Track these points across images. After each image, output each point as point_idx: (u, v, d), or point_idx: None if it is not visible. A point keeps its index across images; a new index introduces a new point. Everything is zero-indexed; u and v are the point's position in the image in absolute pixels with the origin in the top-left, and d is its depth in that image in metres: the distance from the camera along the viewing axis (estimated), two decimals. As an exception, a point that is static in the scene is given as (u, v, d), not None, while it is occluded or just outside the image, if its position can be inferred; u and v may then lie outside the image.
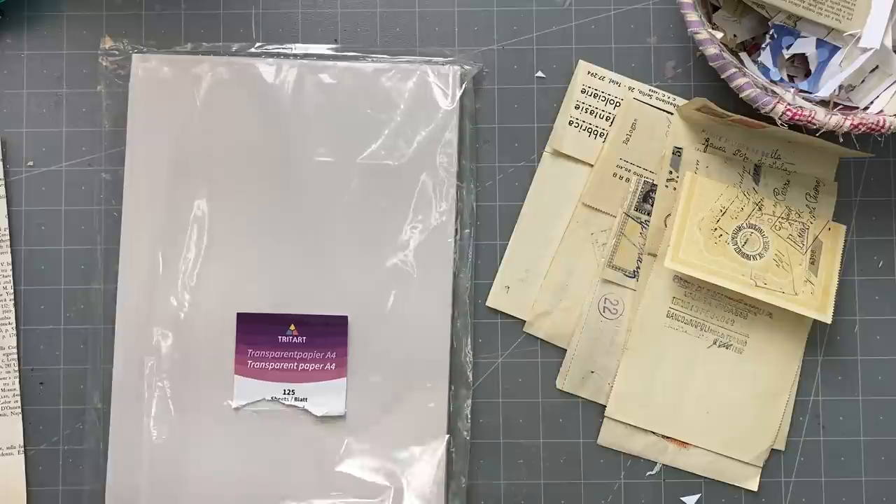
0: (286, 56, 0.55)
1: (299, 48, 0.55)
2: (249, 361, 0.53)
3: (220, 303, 0.53)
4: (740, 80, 0.49)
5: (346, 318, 0.53)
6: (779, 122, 0.50)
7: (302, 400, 0.53)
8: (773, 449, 0.55)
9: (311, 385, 0.53)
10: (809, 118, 0.49)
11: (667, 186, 0.55)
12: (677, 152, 0.55)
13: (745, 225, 0.54)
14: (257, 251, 0.53)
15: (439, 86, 0.54)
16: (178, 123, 0.54)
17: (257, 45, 0.55)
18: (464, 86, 0.54)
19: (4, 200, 0.54)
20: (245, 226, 0.54)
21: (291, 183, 0.54)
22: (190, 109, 0.54)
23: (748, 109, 0.51)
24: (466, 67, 0.55)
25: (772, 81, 0.53)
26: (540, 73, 0.56)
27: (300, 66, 0.54)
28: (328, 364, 0.53)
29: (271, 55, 0.55)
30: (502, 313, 0.55)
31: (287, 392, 0.53)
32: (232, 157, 0.54)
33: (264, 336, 0.53)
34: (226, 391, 0.53)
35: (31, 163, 0.55)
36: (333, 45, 0.55)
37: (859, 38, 0.52)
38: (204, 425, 0.53)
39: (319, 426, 0.53)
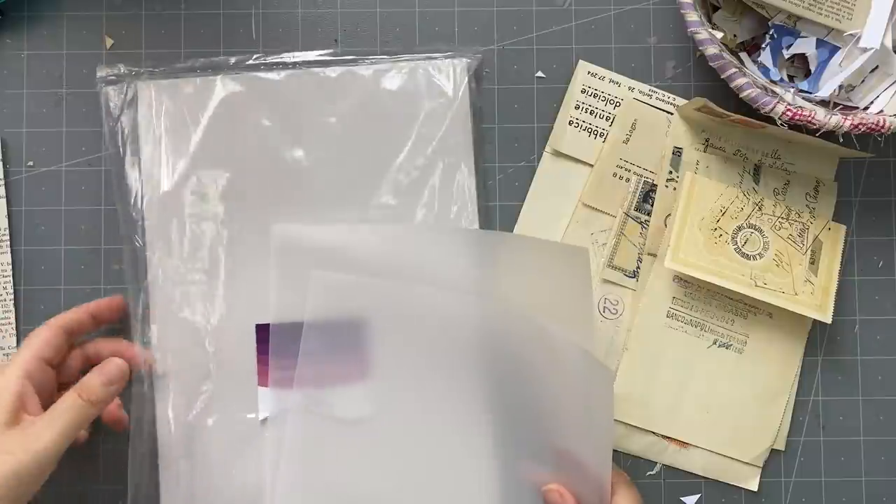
0: (285, 65, 0.54)
1: (298, 56, 0.55)
2: (272, 371, 0.51)
3: (242, 315, 0.52)
4: (740, 80, 0.49)
5: (367, 322, 0.51)
6: (779, 122, 0.50)
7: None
8: (773, 449, 0.55)
9: (335, 391, 0.51)
10: (809, 118, 0.49)
11: (667, 186, 0.55)
12: (677, 152, 0.55)
13: (745, 225, 0.54)
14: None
15: (439, 82, 0.54)
16: (188, 142, 0.53)
17: (255, 56, 0.54)
18: (466, 79, 0.54)
19: (4, 200, 0.54)
20: (258, 235, 0.53)
21: (300, 190, 0.53)
22: (198, 125, 0.53)
23: (748, 109, 0.51)
24: (467, 60, 0.54)
25: (772, 81, 0.53)
26: (540, 73, 0.56)
27: (301, 75, 0.54)
28: (352, 369, 0.52)
29: (270, 66, 0.54)
30: (502, 313, 0.55)
31: (311, 399, 0.51)
32: (240, 165, 0.53)
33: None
34: (248, 402, 0.52)
35: (31, 163, 0.55)
36: (331, 51, 0.55)
37: (859, 38, 0.52)
38: (227, 436, 0.52)
39: None
